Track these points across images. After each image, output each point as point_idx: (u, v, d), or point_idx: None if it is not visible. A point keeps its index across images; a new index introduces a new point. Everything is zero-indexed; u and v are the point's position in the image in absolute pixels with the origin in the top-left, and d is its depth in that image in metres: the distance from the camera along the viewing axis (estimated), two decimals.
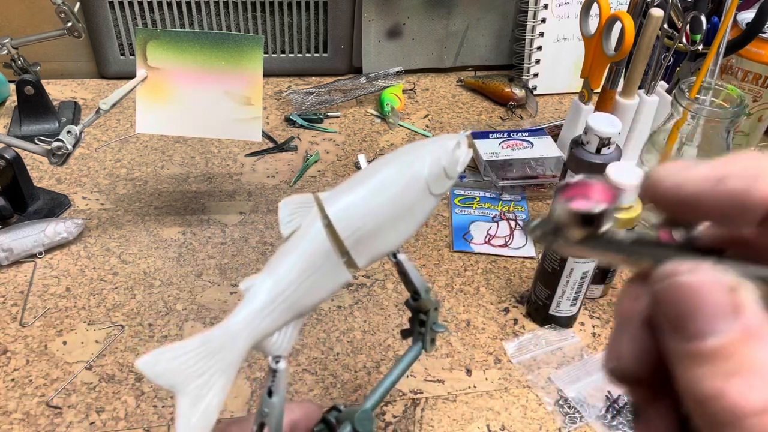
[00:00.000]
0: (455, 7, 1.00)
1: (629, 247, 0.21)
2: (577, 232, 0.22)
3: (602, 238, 0.22)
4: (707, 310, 0.17)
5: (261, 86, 0.68)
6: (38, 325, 0.62)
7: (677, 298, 0.18)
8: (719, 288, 0.17)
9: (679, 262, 0.18)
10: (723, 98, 0.69)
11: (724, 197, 0.18)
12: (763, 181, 0.17)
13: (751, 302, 0.17)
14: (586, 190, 0.21)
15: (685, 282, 0.18)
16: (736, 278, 0.17)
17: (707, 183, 0.18)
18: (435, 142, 0.35)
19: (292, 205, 0.33)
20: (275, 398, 0.33)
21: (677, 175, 0.19)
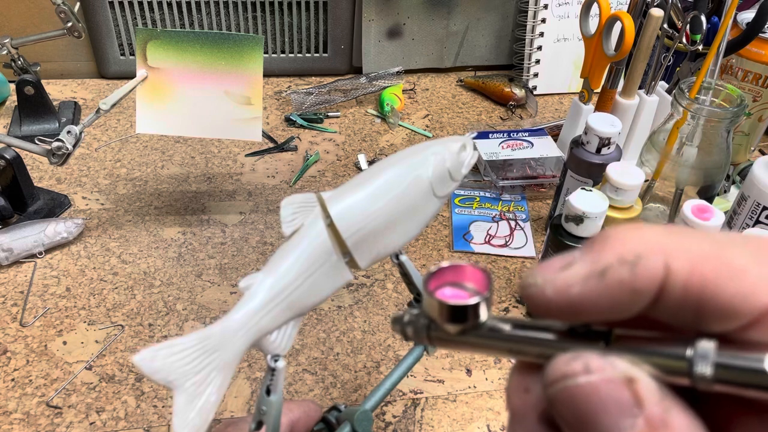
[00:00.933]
0: (455, 7, 1.00)
1: (512, 337, 0.20)
2: (451, 327, 0.20)
3: (482, 328, 0.20)
4: (609, 410, 0.16)
5: (261, 86, 0.68)
6: (38, 325, 0.62)
7: (576, 403, 0.17)
8: (616, 384, 0.16)
9: (569, 359, 0.17)
10: (723, 98, 0.69)
11: (611, 291, 0.17)
12: (643, 263, 0.16)
13: (649, 391, 0.16)
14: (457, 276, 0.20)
15: (581, 384, 0.17)
16: (629, 367, 0.17)
17: (590, 281, 0.17)
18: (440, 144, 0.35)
19: (295, 204, 0.33)
20: (273, 397, 0.33)
21: (556, 279, 0.18)
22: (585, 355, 0.17)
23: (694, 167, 0.70)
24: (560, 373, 0.17)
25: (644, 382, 0.16)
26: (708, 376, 0.16)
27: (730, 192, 0.83)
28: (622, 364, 0.17)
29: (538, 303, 0.18)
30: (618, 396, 0.16)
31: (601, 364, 0.17)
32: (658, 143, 0.72)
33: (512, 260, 0.72)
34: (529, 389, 0.19)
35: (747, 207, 0.65)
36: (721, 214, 0.58)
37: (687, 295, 0.16)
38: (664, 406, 0.16)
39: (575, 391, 0.17)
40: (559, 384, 0.17)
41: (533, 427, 0.19)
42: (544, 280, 0.18)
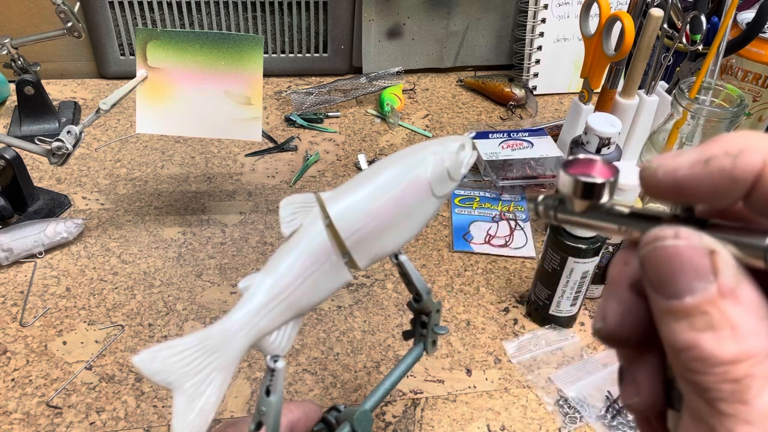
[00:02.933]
0: (455, 7, 1.00)
1: (624, 219, 0.22)
2: (579, 204, 0.23)
3: (601, 209, 0.23)
4: (687, 271, 0.18)
5: (261, 86, 0.68)
6: (38, 325, 0.62)
7: (661, 261, 0.19)
8: (699, 251, 0.19)
9: (664, 228, 0.19)
10: (723, 98, 0.69)
11: (712, 176, 0.19)
12: (744, 156, 0.18)
13: (727, 265, 0.18)
14: (588, 168, 0.23)
15: (668, 245, 0.19)
16: (713, 242, 0.19)
17: (696, 166, 0.19)
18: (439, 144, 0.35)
19: (294, 204, 0.33)
20: (273, 397, 0.33)
21: (668, 163, 0.20)
22: (679, 226, 0.19)
23: None
24: (654, 235, 0.19)
25: (724, 256, 0.19)
26: None
27: None
28: (709, 239, 0.19)
29: (650, 182, 0.20)
30: (698, 261, 0.18)
31: (689, 234, 0.19)
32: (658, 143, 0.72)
33: (512, 260, 0.72)
34: (628, 262, 0.22)
35: None
36: None
37: None
38: (737, 280, 0.18)
39: (663, 251, 0.19)
40: (651, 245, 0.19)
41: (624, 292, 0.22)
42: (658, 164, 0.20)
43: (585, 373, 0.60)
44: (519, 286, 0.69)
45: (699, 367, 0.18)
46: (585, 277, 0.60)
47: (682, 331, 0.18)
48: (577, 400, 0.58)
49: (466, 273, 0.70)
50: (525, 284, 0.70)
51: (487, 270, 0.71)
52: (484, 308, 0.67)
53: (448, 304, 0.67)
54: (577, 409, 0.57)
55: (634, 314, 0.21)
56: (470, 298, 0.67)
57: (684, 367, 0.19)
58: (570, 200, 0.23)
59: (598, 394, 0.58)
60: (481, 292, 0.68)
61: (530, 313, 0.66)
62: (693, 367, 0.18)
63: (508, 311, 0.66)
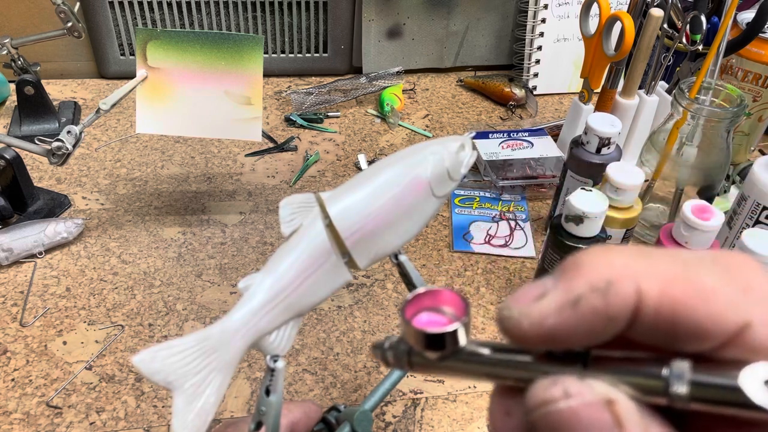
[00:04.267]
0: (455, 7, 1.00)
1: (491, 361, 0.20)
2: (431, 354, 0.20)
3: (461, 353, 0.20)
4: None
5: (261, 86, 0.68)
6: (38, 325, 0.62)
7: (557, 427, 0.17)
8: (595, 407, 0.17)
9: (548, 384, 0.17)
10: (723, 98, 0.69)
11: (585, 320, 0.17)
12: (615, 289, 0.17)
13: (628, 411, 0.17)
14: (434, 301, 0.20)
15: (561, 409, 0.17)
16: (608, 389, 0.17)
17: (564, 311, 0.17)
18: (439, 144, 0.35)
19: (294, 204, 0.33)
20: (273, 397, 0.33)
21: (532, 312, 0.18)
22: (563, 379, 0.17)
23: (694, 167, 0.70)
24: (540, 399, 0.17)
25: (623, 403, 0.17)
26: (684, 395, 0.16)
27: (730, 192, 0.83)
28: (601, 386, 0.17)
29: (515, 335, 0.18)
30: (598, 418, 0.16)
31: (579, 388, 0.17)
32: (658, 143, 0.72)
33: (512, 260, 0.72)
34: (510, 412, 0.20)
35: (747, 207, 0.65)
36: (721, 214, 0.58)
37: (660, 317, 0.16)
38: (644, 426, 0.16)
39: (556, 416, 0.17)
40: (540, 410, 0.17)
41: None
42: (520, 313, 0.18)
43: None
44: (519, 286, 0.69)
45: None
46: None
47: None
48: None
49: (466, 273, 0.70)
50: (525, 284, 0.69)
51: (487, 270, 0.71)
52: (484, 308, 0.67)
53: None
54: None
55: None
56: (470, 298, 0.67)
57: None
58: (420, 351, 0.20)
59: None
60: (481, 292, 0.68)
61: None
62: None
63: None
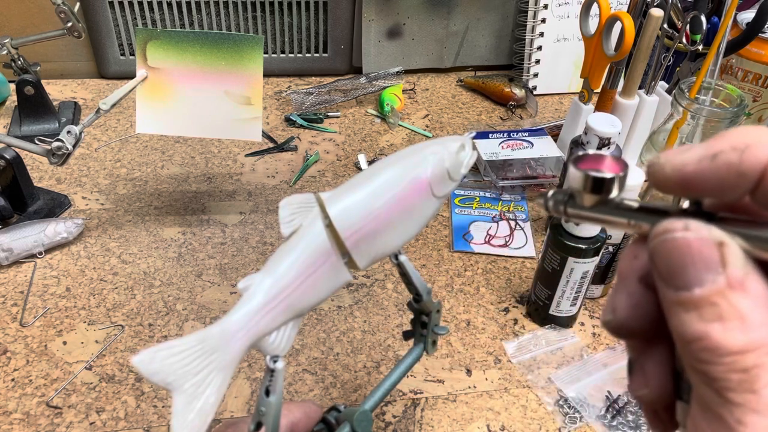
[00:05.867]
0: (455, 7, 1.00)
1: (633, 213, 0.22)
2: (588, 198, 0.23)
3: (610, 204, 0.23)
4: (696, 263, 0.19)
5: (261, 86, 0.68)
6: (38, 325, 0.62)
7: (670, 253, 0.19)
8: (707, 243, 0.19)
9: (673, 221, 0.20)
10: (723, 98, 0.69)
11: (719, 171, 0.19)
12: (751, 151, 0.18)
13: (735, 256, 0.19)
14: (598, 164, 0.23)
15: (677, 237, 0.19)
16: (722, 234, 0.19)
17: (703, 161, 0.19)
18: (439, 144, 0.35)
19: (293, 204, 0.33)
20: (272, 398, 0.33)
21: (675, 158, 0.20)
22: (689, 219, 0.19)
23: None
24: (664, 228, 0.20)
25: (732, 248, 0.19)
26: None
27: None
28: (718, 231, 0.19)
29: (658, 178, 0.21)
30: (707, 253, 0.19)
31: (699, 226, 0.19)
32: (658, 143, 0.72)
33: (512, 260, 0.72)
34: (637, 256, 0.22)
35: None
36: None
37: None
38: (746, 271, 0.19)
39: (672, 243, 0.19)
40: (660, 237, 0.20)
41: (633, 285, 0.22)
42: (665, 160, 0.20)
43: (585, 373, 0.60)
44: (519, 286, 0.69)
45: (708, 358, 0.18)
46: (585, 277, 0.60)
47: (692, 323, 0.19)
48: (577, 400, 0.58)
49: (466, 273, 0.70)
50: (525, 284, 0.70)
51: (487, 270, 0.71)
52: (484, 308, 0.67)
53: (448, 304, 0.67)
54: (577, 409, 0.57)
55: (643, 307, 0.22)
56: (470, 298, 0.67)
57: (693, 357, 0.19)
58: (580, 195, 0.23)
59: (598, 394, 0.58)
60: (481, 292, 0.68)
61: (530, 313, 0.66)
62: (702, 358, 0.18)
63: (508, 311, 0.66)
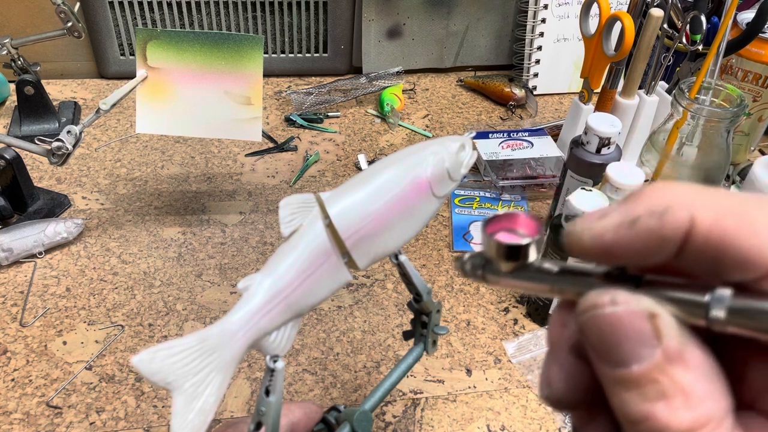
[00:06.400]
0: (455, 7, 1.00)
1: (555, 278, 0.21)
2: (505, 265, 0.22)
3: (530, 269, 0.22)
4: (630, 338, 0.18)
5: (261, 86, 0.68)
6: (38, 325, 0.62)
7: (601, 329, 0.18)
8: (639, 316, 0.18)
9: (599, 293, 0.19)
10: (723, 98, 0.69)
11: (640, 238, 0.18)
12: (670, 214, 0.18)
13: (669, 327, 0.18)
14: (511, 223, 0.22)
15: (607, 313, 0.18)
16: (652, 304, 0.18)
17: (622, 229, 0.19)
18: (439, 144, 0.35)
19: (293, 204, 0.33)
20: (272, 397, 0.33)
21: (593, 227, 0.19)
22: (614, 290, 0.19)
23: (694, 167, 0.70)
24: (591, 303, 0.19)
25: (665, 318, 0.18)
26: (722, 318, 0.17)
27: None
28: (646, 300, 0.18)
29: (577, 248, 0.20)
30: (640, 327, 0.18)
31: (627, 298, 0.18)
32: (658, 143, 0.72)
33: None
34: (565, 324, 0.21)
35: None
36: None
37: (709, 245, 0.17)
38: (682, 342, 0.18)
39: (602, 319, 0.18)
40: (589, 313, 0.19)
41: (565, 356, 0.21)
42: (582, 228, 0.20)
43: None
44: None
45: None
46: None
47: (634, 402, 0.18)
48: None
49: None
50: None
51: None
52: (484, 308, 0.67)
53: (448, 304, 0.67)
54: None
55: (578, 378, 0.21)
56: (470, 298, 0.67)
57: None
58: (495, 262, 0.23)
59: None
60: (481, 292, 0.68)
61: (530, 313, 0.66)
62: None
63: (508, 311, 0.66)
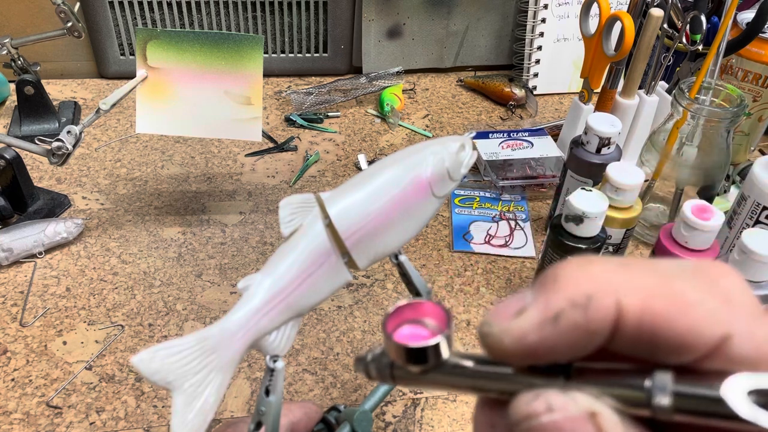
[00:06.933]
0: (455, 7, 1.00)
1: (474, 374, 0.20)
2: (414, 368, 0.20)
3: (445, 366, 0.20)
4: None
5: (261, 86, 0.68)
6: (38, 325, 0.62)
7: None
8: (579, 420, 0.17)
9: (531, 398, 0.17)
10: (723, 98, 0.69)
11: (566, 335, 0.17)
12: (595, 305, 0.17)
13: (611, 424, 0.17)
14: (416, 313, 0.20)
15: (544, 422, 0.17)
16: (591, 402, 0.17)
17: (545, 327, 0.17)
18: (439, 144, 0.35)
19: (293, 204, 0.33)
20: (272, 397, 0.33)
21: (512, 329, 0.18)
22: (546, 392, 0.17)
23: (694, 167, 0.70)
24: (524, 413, 0.17)
25: (606, 416, 0.16)
26: (667, 407, 0.16)
27: (730, 192, 0.83)
28: (584, 398, 0.17)
29: (497, 352, 0.18)
30: (582, 430, 0.16)
31: (563, 402, 0.17)
32: (658, 143, 0.72)
33: (512, 260, 0.72)
34: (495, 425, 0.19)
35: (747, 207, 0.65)
36: (721, 214, 0.58)
37: (641, 331, 0.16)
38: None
39: (540, 430, 0.17)
40: (524, 424, 0.17)
41: None
42: (500, 329, 0.18)
43: None
44: (519, 286, 0.69)
45: None
46: None
47: None
48: None
49: (466, 273, 0.70)
50: (525, 284, 0.70)
51: (487, 270, 0.71)
52: (484, 308, 0.67)
53: (448, 304, 0.67)
54: None
55: None
56: (470, 298, 0.67)
57: None
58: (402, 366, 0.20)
59: None
60: (481, 292, 0.68)
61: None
62: None
63: None
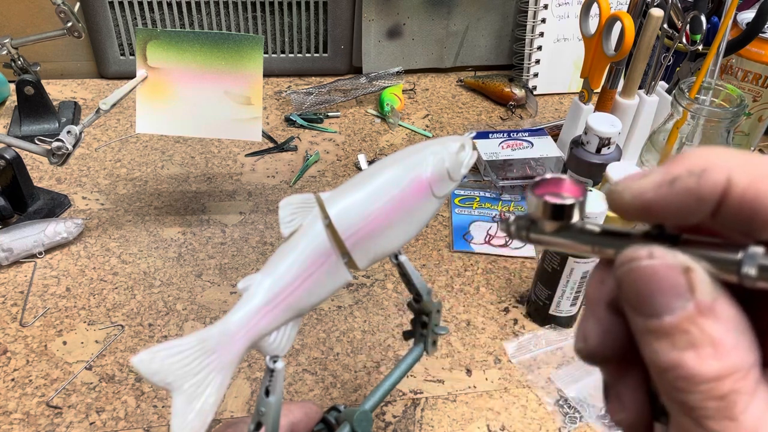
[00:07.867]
0: (455, 7, 1.00)
1: (595, 238, 0.22)
2: (549, 224, 0.23)
3: (572, 229, 0.23)
4: (664, 290, 0.19)
5: (261, 86, 0.68)
6: (38, 325, 0.62)
7: (637, 281, 0.19)
8: (673, 270, 0.19)
9: (638, 247, 0.20)
10: (723, 98, 0.69)
11: (678, 197, 0.19)
12: (708, 175, 0.19)
13: (702, 282, 0.19)
14: (557, 187, 0.23)
15: (643, 266, 0.19)
16: (689, 260, 0.19)
17: (662, 188, 0.19)
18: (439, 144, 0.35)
19: (293, 204, 0.33)
20: (272, 398, 0.33)
21: (633, 186, 0.20)
22: (652, 246, 0.19)
23: None
24: (629, 256, 0.20)
25: (699, 273, 0.19)
26: (754, 275, 0.18)
27: None
28: (682, 256, 0.19)
29: (617, 205, 0.21)
30: (674, 280, 0.19)
31: (663, 253, 0.19)
32: (658, 143, 0.72)
33: (512, 260, 0.72)
34: (604, 281, 0.22)
35: None
36: None
37: (743, 205, 0.18)
38: (713, 296, 0.18)
39: (638, 272, 0.19)
40: (627, 265, 0.19)
41: (602, 311, 0.22)
42: (624, 187, 0.21)
43: (585, 373, 0.60)
44: (519, 286, 0.69)
45: (684, 386, 0.18)
46: (585, 277, 0.60)
47: (664, 351, 0.19)
48: (577, 400, 0.58)
49: (466, 273, 0.70)
50: (525, 284, 0.70)
51: (487, 270, 0.71)
52: (484, 308, 0.67)
53: (448, 304, 0.67)
54: (577, 409, 0.57)
55: (613, 333, 0.22)
56: (470, 298, 0.67)
57: (669, 386, 0.19)
58: (540, 221, 0.23)
59: (598, 394, 0.58)
60: (481, 292, 0.68)
61: (530, 313, 0.66)
62: (678, 386, 0.18)
63: (508, 311, 0.66)
